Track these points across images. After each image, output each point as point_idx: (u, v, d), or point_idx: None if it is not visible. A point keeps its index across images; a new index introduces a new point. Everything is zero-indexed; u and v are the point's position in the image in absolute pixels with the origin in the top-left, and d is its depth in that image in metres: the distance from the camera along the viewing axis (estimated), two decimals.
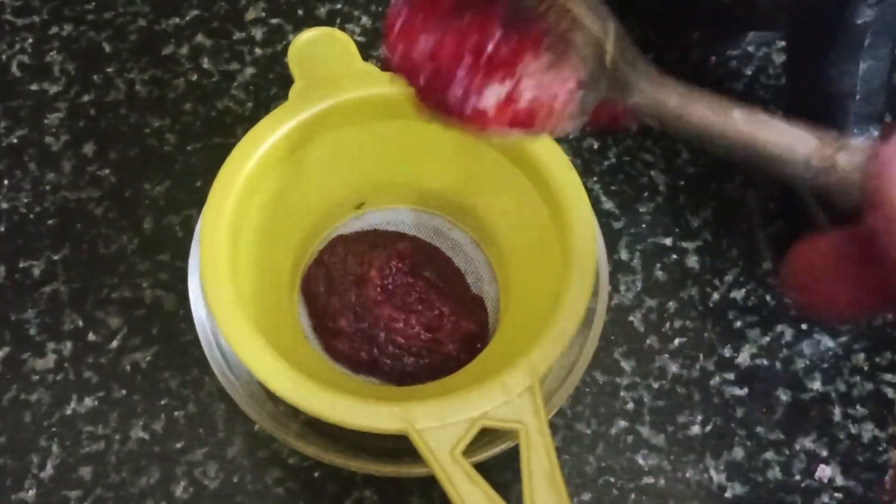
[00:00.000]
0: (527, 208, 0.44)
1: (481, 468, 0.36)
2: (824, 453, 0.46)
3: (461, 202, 0.46)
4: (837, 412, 0.47)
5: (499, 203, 0.45)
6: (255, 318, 0.40)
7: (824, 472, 0.46)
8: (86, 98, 0.53)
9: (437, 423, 0.37)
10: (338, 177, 0.46)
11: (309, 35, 0.44)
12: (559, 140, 0.44)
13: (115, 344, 0.47)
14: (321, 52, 0.44)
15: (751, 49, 0.56)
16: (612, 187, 0.52)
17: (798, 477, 0.45)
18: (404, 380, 0.43)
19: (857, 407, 0.47)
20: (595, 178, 0.52)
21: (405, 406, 0.37)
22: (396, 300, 0.44)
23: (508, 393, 0.37)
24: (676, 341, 0.48)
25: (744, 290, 0.49)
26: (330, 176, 0.45)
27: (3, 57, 0.54)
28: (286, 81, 0.53)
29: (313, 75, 0.44)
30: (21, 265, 0.49)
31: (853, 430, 0.47)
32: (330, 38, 0.45)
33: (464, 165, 0.45)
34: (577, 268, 0.40)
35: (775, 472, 0.46)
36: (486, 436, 0.39)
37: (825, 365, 0.48)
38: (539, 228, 0.43)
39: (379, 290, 0.44)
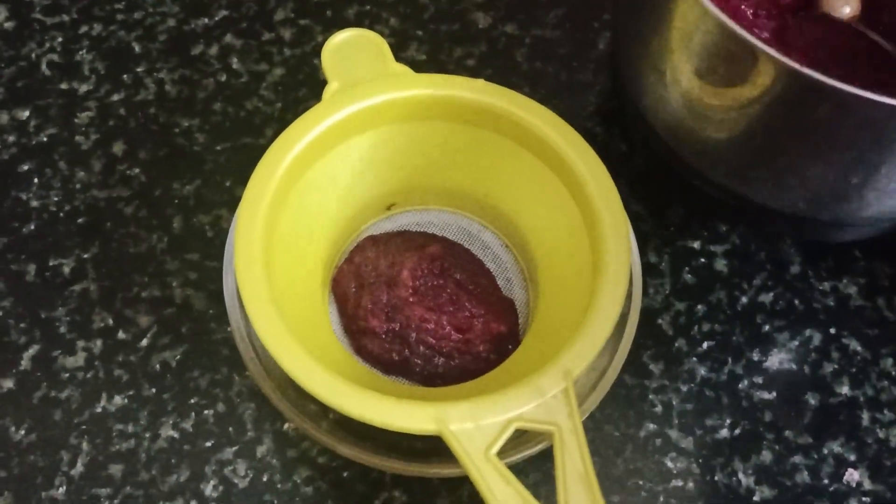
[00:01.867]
0: (559, 211, 0.44)
1: (511, 469, 0.37)
2: (852, 458, 0.46)
3: (492, 204, 0.46)
4: (866, 417, 0.47)
5: (531, 206, 0.45)
6: (288, 318, 0.40)
7: (853, 476, 0.46)
8: (115, 97, 0.53)
9: (472, 423, 0.37)
10: (369, 177, 0.46)
11: (343, 36, 0.45)
12: (590, 143, 0.44)
13: (144, 342, 0.47)
14: (355, 53, 0.44)
15: None
16: (641, 190, 0.52)
17: (826, 481, 0.45)
18: (434, 381, 0.43)
19: (885, 412, 0.47)
20: (624, 181, 0.52)
21: (439, 407, 0.37)
22: (428, 301, 0.44)
23: (543, 394, 0.37)
24: (705, 344, 0.48)
25: (772, 294, 0.49)
26: (362, 176, 0.46)
27: (33, 56, 0.54)
28: (315, 82, 0.53)
29: (347, 76, 0.44)
30: (51, 263, 0.49)
31: (881, 435, 0.47)
32: (363, 39, 0.45)
33: (496, 167, 0.45)
34: (610, 272, 0.40)
35: (804, 476, 0.46)
36: (519, 437, 0.39)
37: (853, 369, 0.48)
38: (571, 231, 0.43)
39: (410, 291, 0.44)
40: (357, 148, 0.45)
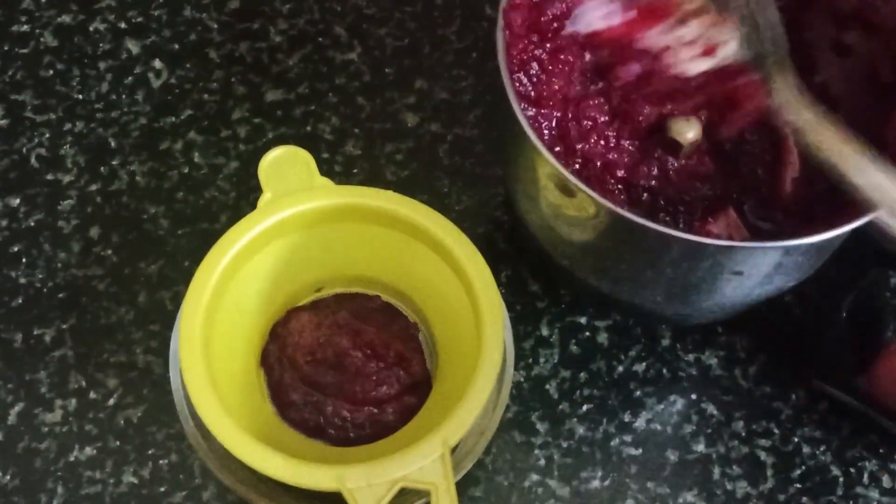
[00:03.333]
0: (452, 297, 0.52)
1: None
2: None
3: (401, 289, 0.55)
4: (717, 471, 0.56)
5: (429, 290, 0.54)
6: (225, 390, 0.49)
7: None
8: (94, 187, 0.62)
9: (365, 482, 0.46)
10: (299, 266, 0.55)
11: (276, 153, 0.53)
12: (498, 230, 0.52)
13: (112, 401, 0.56)
14: (285, 168, 0.53)
15: None
16: (540, 271, 0.60)
17: None
18: (347, 443, 0.52)
19: (734, 467, 0.56)
20: (525, 264, 0.61)
21: (339, 468, 0.46)
22: (349, 376, 0.52)
23: (424, 459, 0.46)
24: (585, 407, 0.57)
25: (644, 364, 0.58)
26: (293, 266, 0.54)
27: (24, 150, 0.63)
28: None
29: (279, 188, 0.52)
30: (35, 332, 0.58)
31: (729, 487, 0.55)
32: (293, 156, 0.53)
33: (402, 259, 0.54)
34: (486, 357, 0.48)
35: None
36: (406, 494, 0.48)
37: (709, 430, 0.57)
38: (461, 314, 0.52)
39: (332, 368, 0.52)
40: (287, 245, 0.53)
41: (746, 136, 0.54)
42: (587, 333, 0.59)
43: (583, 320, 0.60)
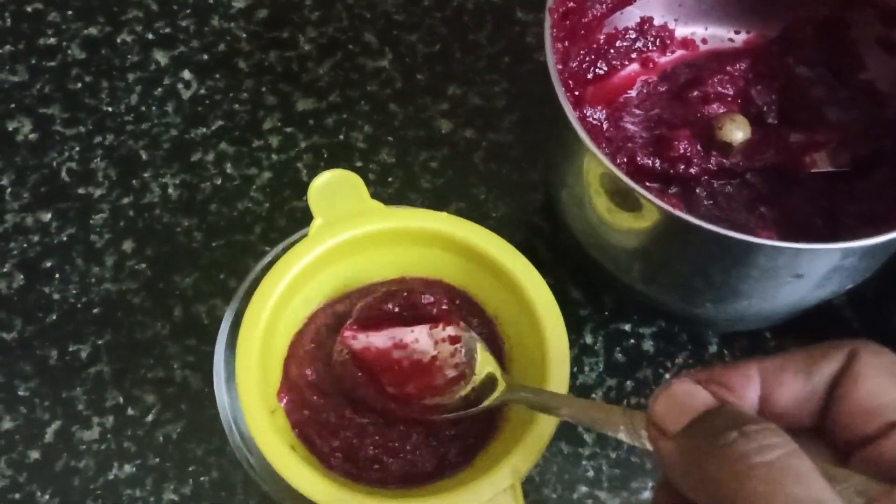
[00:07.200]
0: (510, 317, 0.51)
1: None
2: None
3: None
4: None
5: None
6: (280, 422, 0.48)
7: None
8: (125, 200, 0.61)
9: None
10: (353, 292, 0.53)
11: (325, 178, 0.51)
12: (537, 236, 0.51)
13: (150, 418, 0.55)
14: (336, 192, 0.51)
15: None
16: (581, 278, 0.59)
17: None
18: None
19: None
20: (566, 270, 0.60)
21: (404, 502, 0.45)
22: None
23: (494, 490, 0.44)
24: None
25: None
26: (346, 292, 0.53)
27: (54, 164, 0.63)
28: (298, 184, 0.61)
29: (330, 213, 0.51)
30: (70, 349, 0.57)
31: None
32: (343, 179, 0.51)
33: (456, 281, 0.53)
34: (553, 381, 0.47)
35: None
36: None
37: None
38: (521, 336, 0.50)
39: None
40: (340, 272, 0.52)
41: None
42: (632, 341, 0.58)
43: (627, 327, 0.58)
